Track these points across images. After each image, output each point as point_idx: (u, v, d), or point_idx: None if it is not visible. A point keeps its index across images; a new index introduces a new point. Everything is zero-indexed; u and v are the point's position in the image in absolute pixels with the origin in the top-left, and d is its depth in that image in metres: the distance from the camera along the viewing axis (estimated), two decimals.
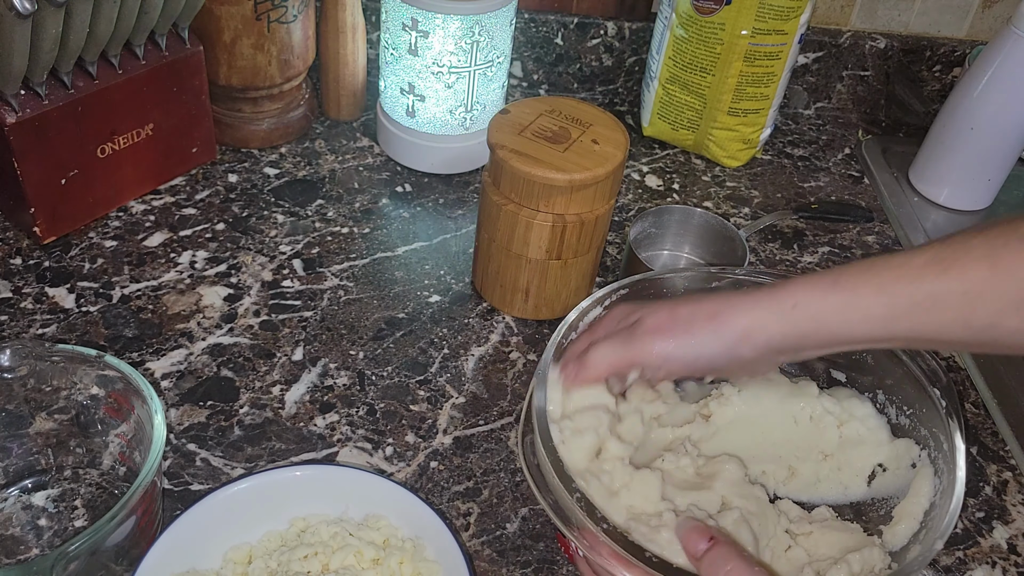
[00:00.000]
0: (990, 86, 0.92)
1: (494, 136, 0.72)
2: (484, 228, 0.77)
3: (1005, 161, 0.97)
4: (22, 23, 0.64)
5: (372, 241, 0.86)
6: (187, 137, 0.87)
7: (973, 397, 0.79)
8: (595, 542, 0.50)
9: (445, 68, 0.86)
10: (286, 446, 0.67)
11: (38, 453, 0.62)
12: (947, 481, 0.56)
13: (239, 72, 0.88)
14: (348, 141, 0.98)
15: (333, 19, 0.92)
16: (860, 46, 1.10)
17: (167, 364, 0.72)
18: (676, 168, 1.02)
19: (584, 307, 0.62)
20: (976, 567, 0.66)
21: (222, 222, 0.85)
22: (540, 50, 1.08)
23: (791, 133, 1.10)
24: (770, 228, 0.94)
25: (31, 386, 0.59)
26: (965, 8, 1.10)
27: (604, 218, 0.75)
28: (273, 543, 0.59)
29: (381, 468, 0.67)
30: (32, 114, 0.72)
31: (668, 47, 0.97)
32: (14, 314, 0.74)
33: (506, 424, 0.71)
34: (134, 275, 0.79)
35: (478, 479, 0.67)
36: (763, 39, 0.92)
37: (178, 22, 0.80)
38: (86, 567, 0.52)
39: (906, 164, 1.04)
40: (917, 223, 0.97)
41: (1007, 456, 0.75)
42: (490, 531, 0.64)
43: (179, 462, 0.65)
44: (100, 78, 0.76)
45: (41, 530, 0.60)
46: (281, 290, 0.80)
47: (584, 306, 0.62)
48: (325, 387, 0.72)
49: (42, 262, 0.79)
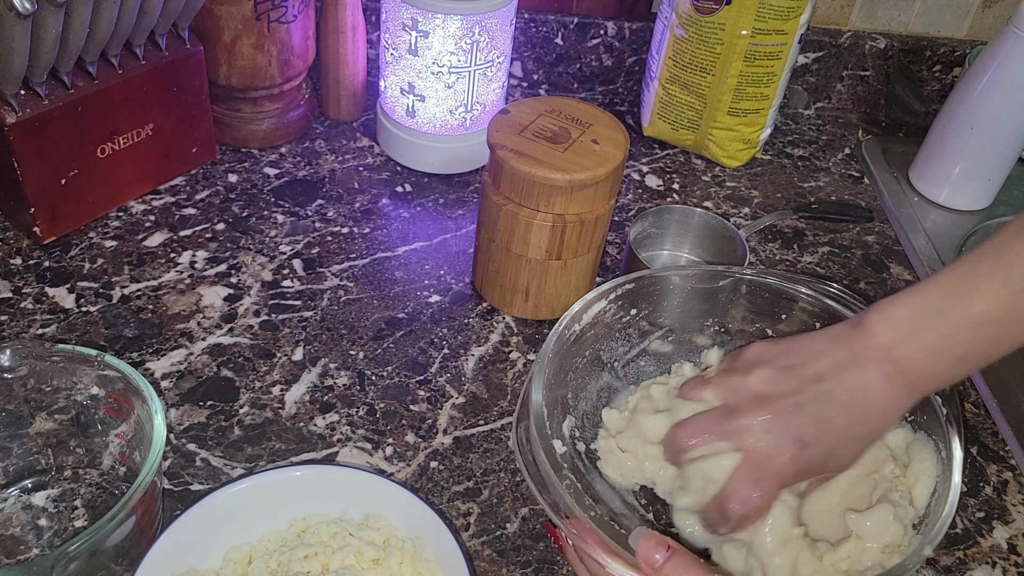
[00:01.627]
0: (990, 86, 0.92)
1: (494, 136, 0.72)
2: (484, 228, 0.77)
3: (1005, 161, 0.97)
4: (22, 23, 0.64)
5: (372, 241, 0.86)
6: (187, 137, 0.87)
7: (973, 397, 0.79)
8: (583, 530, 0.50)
9: (445, 68, 0.86)
10: (286, 446, 0.68)
11: (38, 453, 0.62)
12: (942, 488, 0.56)
13: (239, 72, 0.88)
14: (348, 141, 0.98)
15: (333, 19, 0.92)
16: (860, 46, 1.10)
17: (167, 364, 0.72)
18: (676, 168, 1.02)
19: (589, 299, 0.63)
20: (976, 567, 0.66)
21: (222, 222, 0.85)
22: (540, 50, 1.08)
23: (791, 133, 1.10)
24: (770, 228, 0.94)
25: (31, 386, 0.59)
26: (965, 8, 1.10)
27: (604, 218, 0.75)
28: (273, 543, 0.59)
29: (381, 468, 0.67)
30: (32, 114, 0.72)
31: (668, 47, 0.97)
32: (14, 314, 0.74)
33: (506, 424, 0.71)
34: (134, 275, 0.79)
35: (478, 479, 0.67)
36: (763, 39, 0.92)
37: (178, 22, 0.80)
38: (86, 567, 0.52)
39: (906, 164, 1.04)
40: (917, 223, 0.97)
41: (1007, 456, 0.75)
42: (490, 531, 0.64)
43: (179, 462, 0.65)
44: (100, 78, 0.76)
45: (41, 530, 0.60)
46: (281, 290, 0.80)
47: (589, 298, 0.63)
48: (325, 387, 0.72)
49: (42, 262, 0.79)
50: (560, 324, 0.60)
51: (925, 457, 0.59)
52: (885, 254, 0.94)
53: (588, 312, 0.62)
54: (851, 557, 0.56)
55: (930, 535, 0.53)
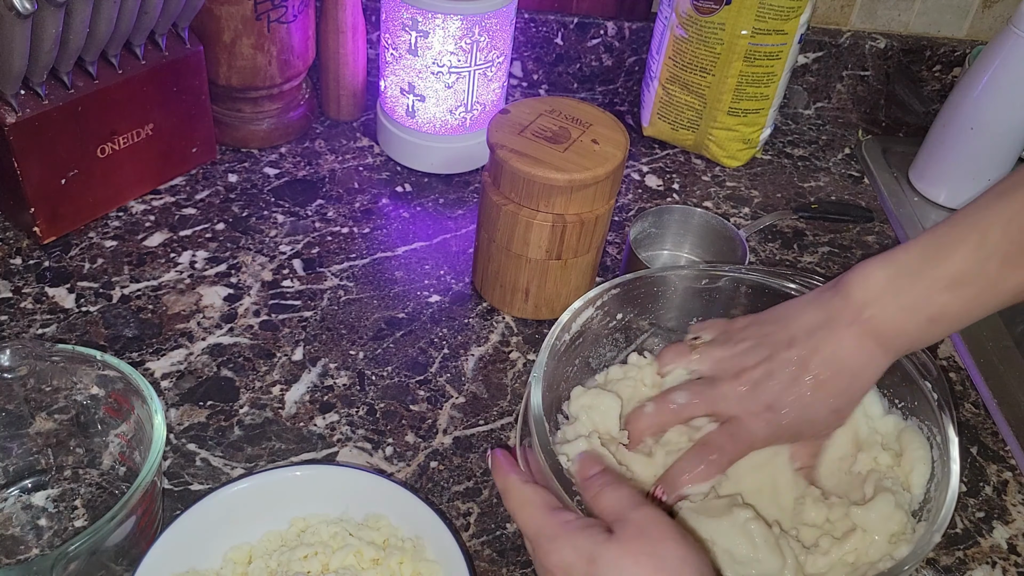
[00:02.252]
0: (990, 86, 0.92)
1: (494, 136, 0.72)
2: (484, 228, 0.77)
3: (1005, 161, 0.97)
4: (22, 23, 0.64)
5: (372, 241, 0.86)
6: (187, 137, 0.87)
7: (973, 397, 0.79)
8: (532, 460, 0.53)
9: (445, 68, 0.86)
10: (286, 446, 0.68)
11: (38, 453, 0.62)
12: (942, 473, 0.57)
13: (239, 72, 0.88)
14: (348, 141, 0.98)
15: (333, 19, 0.92)
16: (860, 46, 1.10)
17: (167, 364, 0.72)
18: (676, 168, 1.02)
19: (576, 308, 0.62)
20: (976, 567, 0.66)
21: (222, 222, 0.85)
22: (540, 50, 1.08)
23: (791, 133, 1.10)
24: (770, 228, 0.94)
25: (31, 386, 0.59)
26: (965, 8, 1.10)
27: (604, 218, 0.75)
28: (273, 543, 0.59)
29: (381, 468, 0.67)
30: (32, 114, 0.72)
31: (668, 47, 0.97)
32: (14, 314, 0.74)
33: (506, 424, 0.71)
34: (134, 275, 0.79)
35: (478, 479, 0.67)
36: (763, 39, 0.92)
37: (178, 22, 0.80)
38: (86, 567, 0.52)
39: (906, 164, 1.04)
40: (917, 223, 0.97)
41: (1007, 456, 0.75)
42: (490, 531, 0.64)
43: (179, 462, 0.65)
44: (100, 78, 0.76)
45: (41, 530, 0.60)
46: (281, 290, 0.80)
47: (576, 307, 0.62)
48: (325, 387, 0.72)
49: (42, 262, 0.79)
50: (551, 337, 0.60)
51: (918, 444, 0.60)
52: None
53: (577, 321, 0.62)
54: (858, 550, 0.56)
55: (936, 521, 0.53)
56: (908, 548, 0.54)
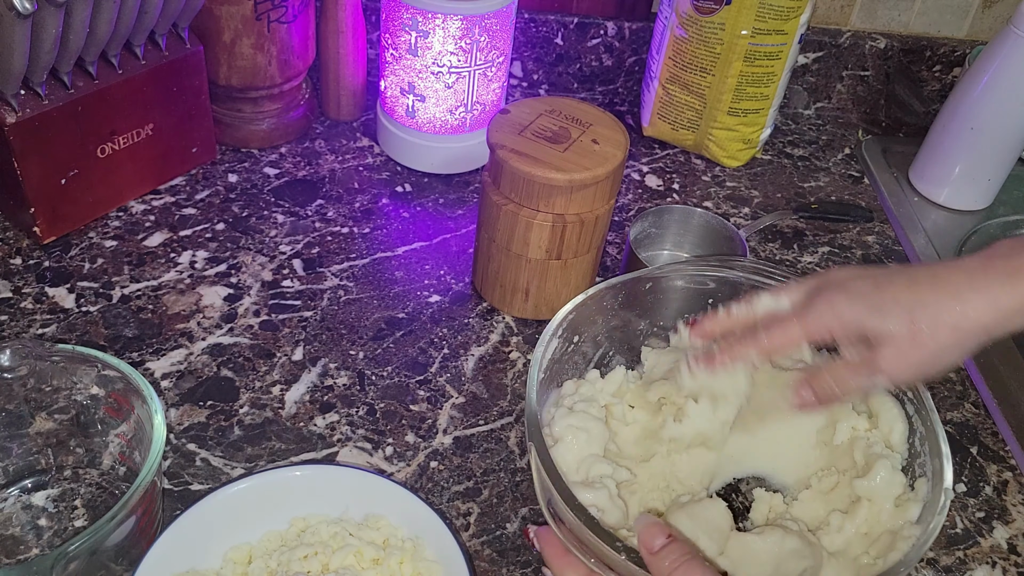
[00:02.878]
0: (990, 86, 0.92)
1: (494, 136, 0.72)
2: (484, 228, 0.77)
3: (1005, 161, 0.97)
4: (22, 23, 0.64)
5: (372, 241, 0.86)
6: (187, 137, 0.87)
7: (973, 397, 0.79)
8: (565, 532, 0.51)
9: (445, 68, 0.86)
10: (286, 446, 0.68)
11: (38, 453, 0.62)
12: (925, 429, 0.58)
13: (239, 72, 0.88)
14: (348, 141, 0.98)
15: (333, 19, 0.92)
16: (860, 46, 1.10)
17: (167, 364, 0.72)
18: (676, 168, 1.02)
19: (566, 311, 0.61)
20: (976, 567, 0.66)
21: (222, 222, 0.85)
22: (540, 50, 1.08)
23: (791, 133, 1.10)
24: (770, 228, 0.94)
25: (31, 386, 0.58)
26: (965, 8, 1.10)
27: (604, 218, 0.75)
28: (273, 543, 0.59)
29: (381, 468, 0.67)
30: (32, 114, 0.72)
31: (668, 47, 0.97)
32: (14, 314, 0.74)
33: (506, 424, 0.71)
34: (134, 275, 0.79)
35: (478, 479, 0.67)
36: (763, 39, 0.92)
37: (178, 22, 0.80)
38: (86, 567, 0.52)
39: (906, 164, 1.04)
40: (917, 223, 0.97)
41: (1007, 456, 0.75)
42: (490, 531, 0.64)
43: (179, 462, 0.65)
44: (100, 78, 0.76)
45: (41, 530, 0.60)
46: (281, 290, 0.80)
47: (566, 310, 0.61)
48: (325, 387, 0.72)
49: (42, 262, 0.79)
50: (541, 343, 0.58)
51: (889, 404, 0.61)
52: (885, 254, 0.94)
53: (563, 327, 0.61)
54: (868, 520, 0.57)
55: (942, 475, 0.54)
56: (918, 508, 0.55)
